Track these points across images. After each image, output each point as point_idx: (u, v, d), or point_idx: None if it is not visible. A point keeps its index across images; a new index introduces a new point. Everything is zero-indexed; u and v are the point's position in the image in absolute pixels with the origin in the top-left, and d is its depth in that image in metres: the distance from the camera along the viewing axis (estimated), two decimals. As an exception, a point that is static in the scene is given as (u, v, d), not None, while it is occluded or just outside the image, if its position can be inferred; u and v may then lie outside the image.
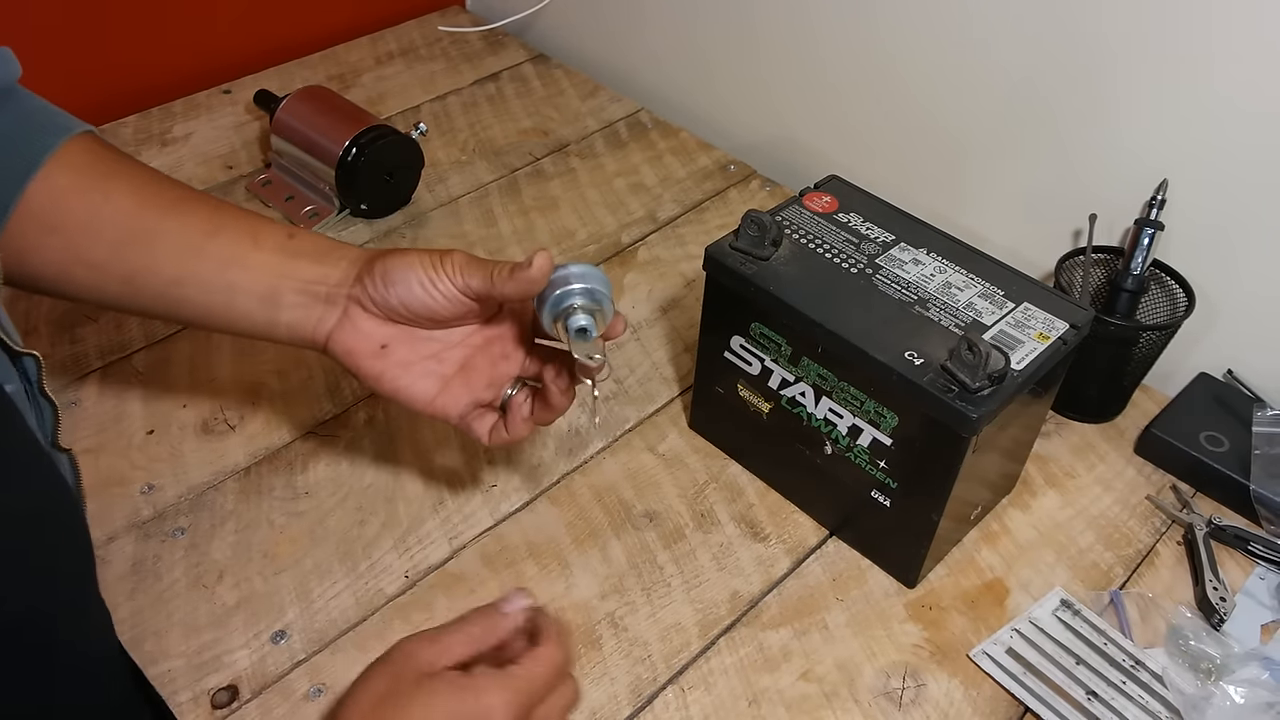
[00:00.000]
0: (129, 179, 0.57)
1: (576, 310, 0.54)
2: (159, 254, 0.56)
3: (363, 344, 0.58)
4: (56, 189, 0.54)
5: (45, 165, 0.54)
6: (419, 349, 0.59)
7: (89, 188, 0.55)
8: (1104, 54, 0.77)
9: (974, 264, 0.66)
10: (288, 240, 0.58)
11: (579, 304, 0.54)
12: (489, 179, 1.01)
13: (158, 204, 0.57)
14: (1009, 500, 0.74)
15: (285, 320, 0.58)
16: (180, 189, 0.59)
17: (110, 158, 0.57)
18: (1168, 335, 0.76)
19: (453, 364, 0.60)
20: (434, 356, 0.59)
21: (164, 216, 0.56)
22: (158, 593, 0.64)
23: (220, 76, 1.11)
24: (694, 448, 0.76)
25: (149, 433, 0.74)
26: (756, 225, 0.65)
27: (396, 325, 0.58)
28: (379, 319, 0.58)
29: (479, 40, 1.22)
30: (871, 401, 0.62)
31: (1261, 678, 0.62)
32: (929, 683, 0.62)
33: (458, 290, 0.56)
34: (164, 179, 0.59)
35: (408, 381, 0.59)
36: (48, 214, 0.54)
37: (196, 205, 0.58)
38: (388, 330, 0.58)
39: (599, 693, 0.61)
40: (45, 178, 0.54)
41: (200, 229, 0.57)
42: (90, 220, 0.55)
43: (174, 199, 0.58)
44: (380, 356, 0.58)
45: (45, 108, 0.57)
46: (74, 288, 0.57)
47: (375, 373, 0.58)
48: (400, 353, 0.58)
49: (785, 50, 1.00)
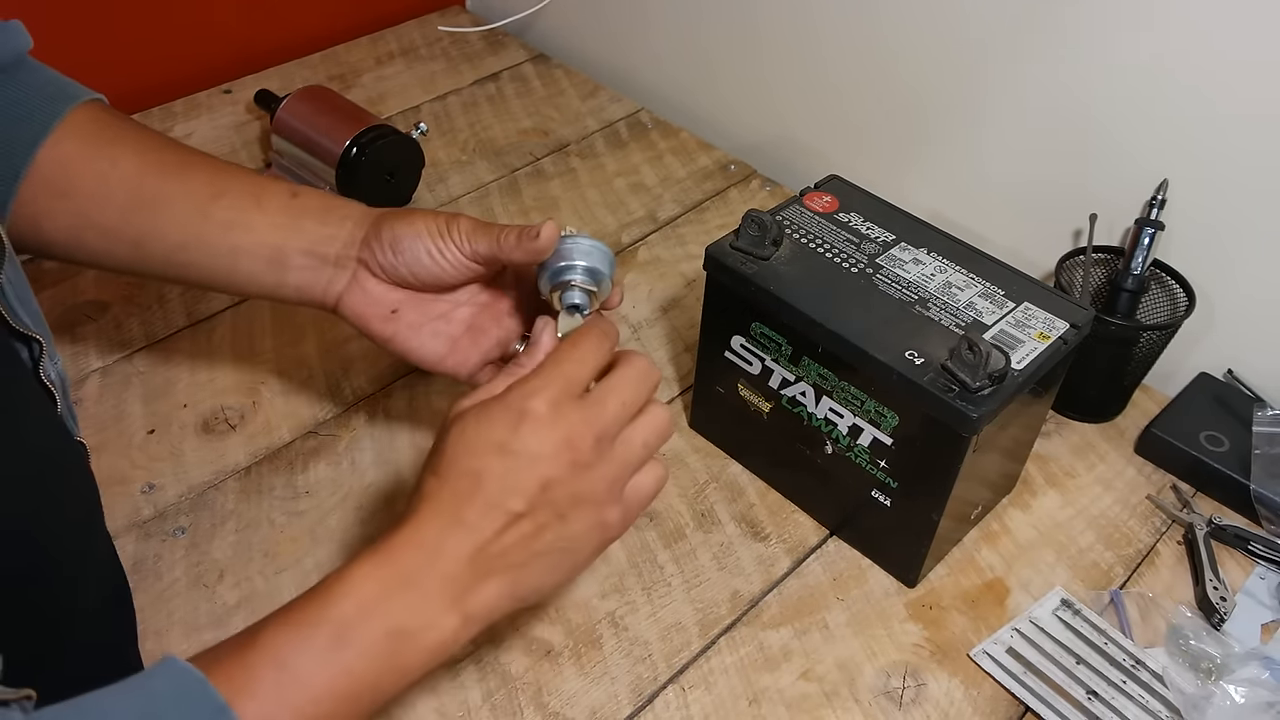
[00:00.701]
0: (134, 144, 0.58)
1: (574, 286, 0.54)
2: (165, 218, 0.57)
3: (373, 308, 0.59)
4: (65, 155, 0.55)
5: (54, 132, 0.55)
6: (427, 310, 0.60)
7: (96, 154, 0.56)
8: (1104, 54, 0.77)
9: (974, 264, 0.66)
10: (291, 200, 0.58)
11: (578, 280, 0.54)
12: (489, 179, 1.01)
13: (161, 168, 0.57)
14: (1009, 500, 0.74)
15: (293, 282, 0.58)
16: (185, 152, 0.59)
17: (116, 123, 0.58)
18: (1168, 335, 0.76)
19: (460, 323, 0.61)
20: (442, 317, 0.60)
21: (168, 180, 0.57)
22: (158, 592, 0.64)
23: (221, 76, 1.11)
24: (694, 447, 0.76)
25: (150, 432, 0.74)
26: (757, 225, 0.65)
27: (405, 290, 0.59)
28: (388, 284, 0.58)
29: (479, 40, 1.22)
30: (872, 401, 0.62)
31: (1262, 677, 0.62)
32: (929, 682, 0.62)
33: (465, 257, 0.56)
34: (169, 143, 0.60)
35: (418, 343, 0.60)
36: (58, 180, 0.55)
37: (200, 168, 0.59)
38: (397, 295, 0.59)
39: (599, 692, 0.61)
40: (54, 144, 0.55)
41: (204, 192, 0.57)
42: (98, 185, 0.56)
43: (178, 162, 0.58)
44: (391, 320, 0.59)
45: (56, 78, 0.58)
46: (86, 253, 0.58)
47: (386, 335, 0.59)
48: (410, 316, 0.59)
49: (786, 50, 1.00)
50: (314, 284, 0.58)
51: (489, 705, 0.60)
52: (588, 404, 0.46)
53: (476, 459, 0.44)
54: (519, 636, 0.63)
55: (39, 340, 0.49)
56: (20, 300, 0.49)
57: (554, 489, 0.44)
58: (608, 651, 0.63)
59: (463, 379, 0.61)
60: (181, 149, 0.59)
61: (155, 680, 0.37)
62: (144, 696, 0.37)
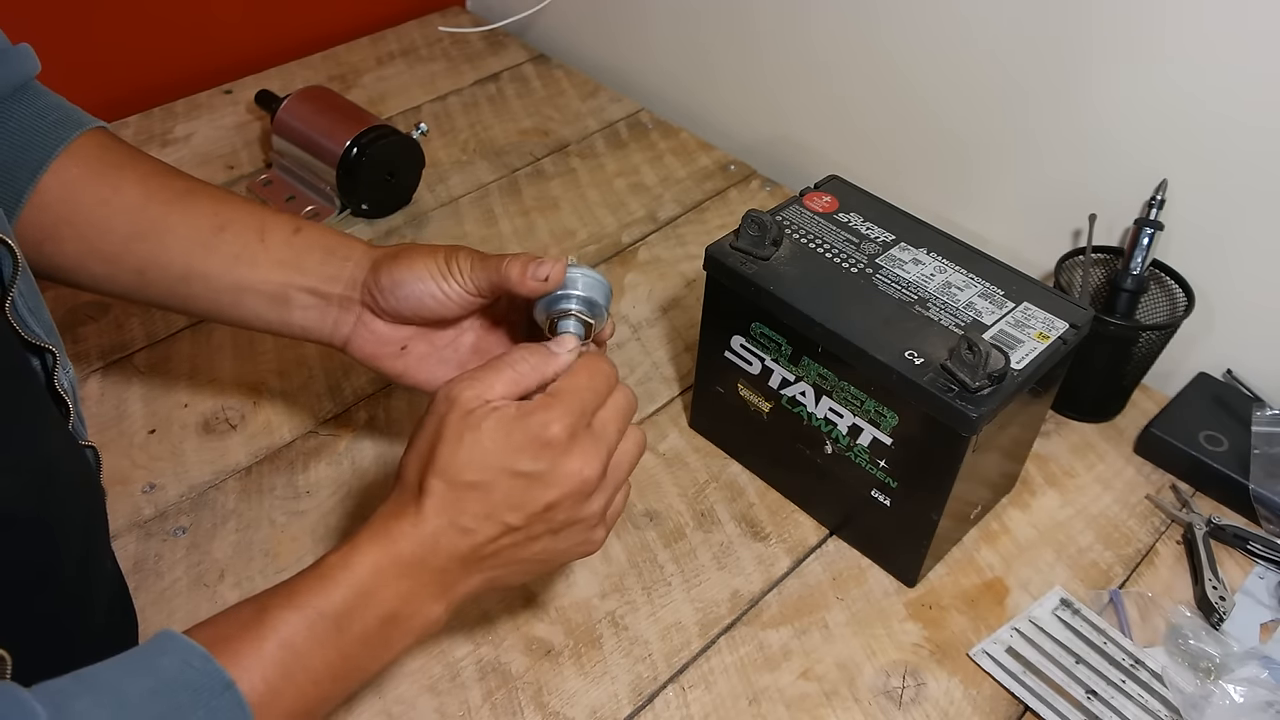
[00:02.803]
0: (137, 171, 0.58)
1: (571, 315, 0.54)
2: (168, 249, 0.57)
3: (383, 348, 0.59)
4: (68, 182, 0.55)
5: (58, 159, 0.55)
6: (435, 341, 0.61)
7: (98, 181, 0.56)
8: (1104, 54, 0.77)
9: (974, 264, 0.67)
10: (294, 235, 0.58)
11: (574, 309, 0.54)
12: (489, 179, 1.01)
13: (164, 197, 0.57)
14: (1009, 500, 0.74)
15: (299, 322, 0.59)
16: (188, 181, 0.59)
17: (120, 151, 0.58)
18: (1167, 335, 0.76)
19: (466, 349, 0.61)
20: (449, 345, 0.61)
21: (170, 210, 0.57)
22: (159, 591, 0.64)
23: (221, 77, 1.11)
24: (694, 447, 0.76)
25: (150, 432, 0.74)
26: (757, 225, 0.65)
27: (411, 326, 0.59)
28: (394, 323, 0.59)
29: (479, 40, 1.22)
30: (872, 401, 0.62)
31: (1261, 677, 0.62)
32: (929, 682, 0.63)
33: (468, 293, 0.56)
34: (172, 171, 0.59)
35: (429, 374, 0.60)
36: (61, 206, 0.55)
37: (203, 198, 0.58)
38: (404, 332, 0.60)
39: (599, 692, 0.61)
40: (57, 171, 0.55)
41: (207, 224, 0.57)
42: (100, 213, 0.56)
43: (180, 191, 0.58)
44: (400, 357, 0.60)
45: (60, 104, 0.58)
46: (90, 280, 0.58)
47: (398, 371, 0.60)
48: (419, 349, 0.60)
49: (785, 50, 1.00)
50: (320, 325, 0.59)
51: (489, 705, 0.60)
52: (597, 435, 0.49)
53: (489, 473, 0.46)
54: (519, 636, 0.63)
55: (52, 351, 0.50)
56: (32, 312, 0.49)
57: (556, 511, 0.48)
58: (608, 651, 0.63)
59: None
60: (185, 178, 0.59)
61: (163, 658, 0.40)
62: (153, 673, 0.39)
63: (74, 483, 0.49)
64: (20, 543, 0.43)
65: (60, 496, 0.46)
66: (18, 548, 0.43)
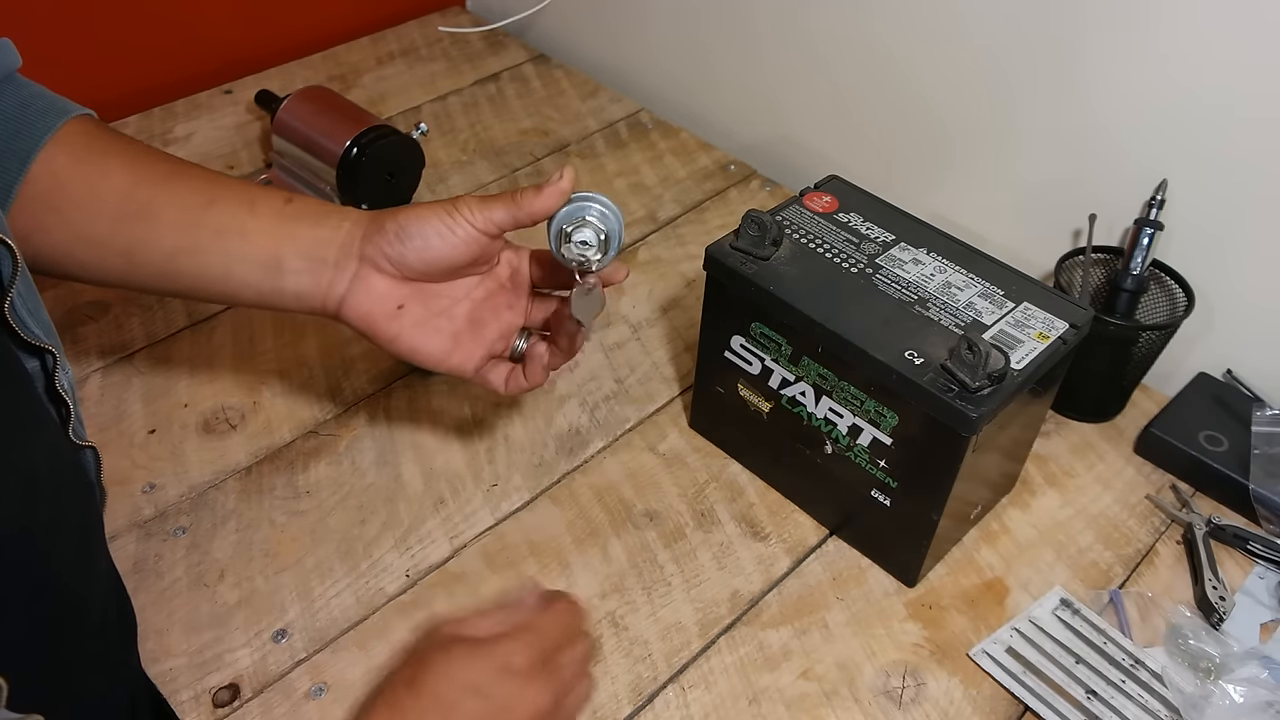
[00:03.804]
0: (124, 155, 0.58)
1: (586, 224, 0.56)
2: (157, 227, 0.57)
3: (379, 306, 0.58)
4: (56, 169, 0.55)
5: (45, 147, 0.55)
6: (431, 306, 0.60)
7: (87, 166, 0.56)
8: (1104, 54, 0.77)
9: (974, 264, 0.67)
10: (285, 205, 0.58)
11: (592, 217, 0.56)
12: (489, 179, 1.01)
13: (152, 177, 0.57)
14: (1009, 500, 0.74)
15: (291, 288, 0.58)
16: (175, 162, 0.59)
17: (107, 137, 0.58)
18: (1167, 335, 0.76)
19: (461, 319, 0.61)
20: (444, 313, 0.61)
21: (159, 189, 0.57)
22: (159, 591, 0.64)
23: (221, 77, 1.11)
24: (694, 447, 0.76)
25: (150, 432, 0.74)
26: (757, 225, 0.65)
27: (410, 284, 0.59)
28: (394, 279, 0.58)
29: (479, 40, 1.22)
30: (871, 401, 0.62)
31: (1260, 676, 0.62)
32: (929, 681, 0.63)
33: (477, 230, 0.57)
34: (159, 154, 0.59)
35: (423, 340, 0.60)
36: (49, 194, 0.55)
37: (191, 177, 0.58)
38: (402, 290, 0.59)
39: (599, 692, 0.61)
40: (45, 159, 0.55)
41: (196, 200, 0.57)
42: (89, 197, 0.56)
43: (169, 171, 0.58)
44: (396, 318, 0.59)
45: (44, 93, 0.57)
46: (77, 266, 0.57)
47: (392, 334, 0.59)
48: (415, 312, 0.59)
49: (785, 50, 1.00)
50: (313, 289, 0.58)
51: (489, 704, 0.60)
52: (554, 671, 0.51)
53: (453, 692, 0.49)
54: (519, 636, 0.63)
55: (52, 352, 0.49)
56: (31, 313, 0.49)
57: None
58: (608, 651, 0.63)
59: (468, 375, 0.62)
60: (172, 159, 0.59)
61: None
62: None
63: (67, 488, 0.48)
64: (13, 552, 0.43)
65: (51, 504, 0.46)
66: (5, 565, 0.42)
